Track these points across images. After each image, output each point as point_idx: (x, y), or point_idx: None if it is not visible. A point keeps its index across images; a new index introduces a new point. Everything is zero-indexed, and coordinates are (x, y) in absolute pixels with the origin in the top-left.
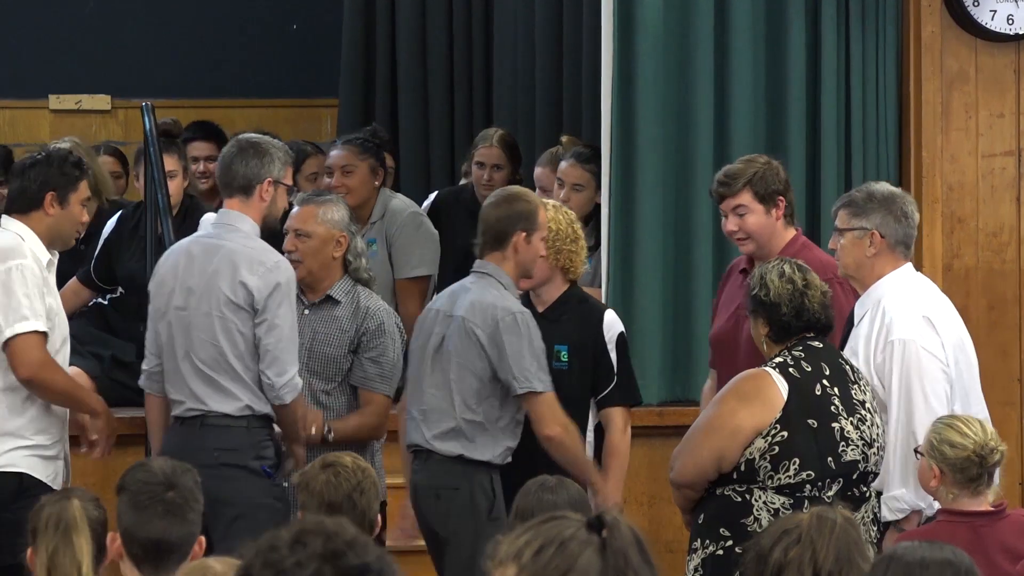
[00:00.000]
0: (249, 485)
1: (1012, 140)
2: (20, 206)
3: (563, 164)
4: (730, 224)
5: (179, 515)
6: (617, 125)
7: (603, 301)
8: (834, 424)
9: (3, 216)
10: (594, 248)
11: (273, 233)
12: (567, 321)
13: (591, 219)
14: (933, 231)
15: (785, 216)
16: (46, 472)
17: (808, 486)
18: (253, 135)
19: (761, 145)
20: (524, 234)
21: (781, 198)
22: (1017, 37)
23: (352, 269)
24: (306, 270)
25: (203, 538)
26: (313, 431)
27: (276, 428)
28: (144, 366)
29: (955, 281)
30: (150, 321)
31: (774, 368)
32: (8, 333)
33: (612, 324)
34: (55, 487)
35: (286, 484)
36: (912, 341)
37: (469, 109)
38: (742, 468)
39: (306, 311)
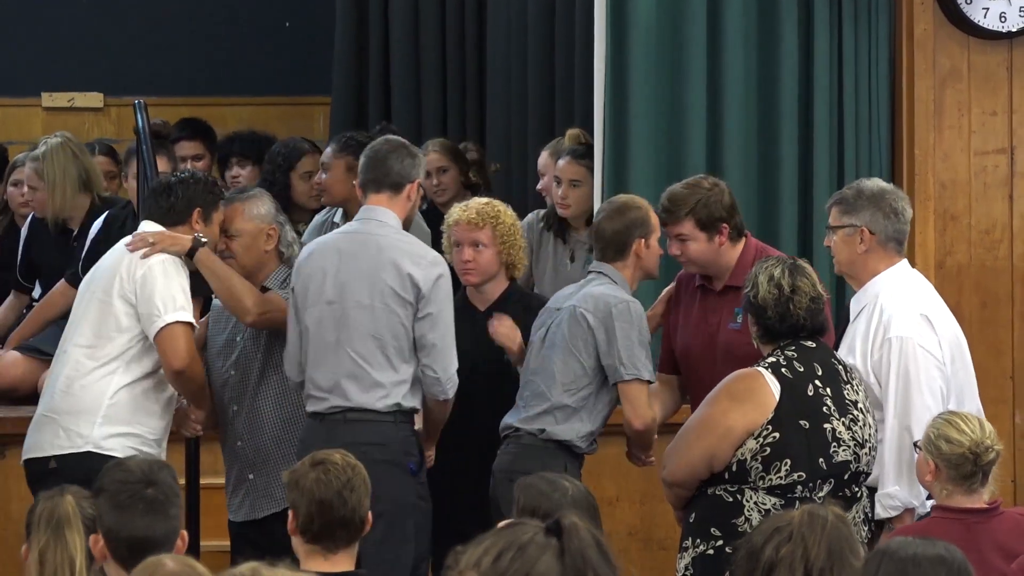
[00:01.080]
0: (396, 483)
1: (1004, 138)
2: (169, 221)
3: (560, 161)
4: (672, 249)
5: (161, 511)
6: (610, 122)
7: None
8: (826, 425)
9: (145, 222)
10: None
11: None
12: (512, 317)
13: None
14: (926, 228)
15: (731, 239)
16: None
17: (799, 487)
18: (396, 137)
19: (753, 142)
20: (642, 240)
21: (724, 224)
22: (1010, 35)
23: (286, 259)
24: (240, 267)
25: (185, 532)
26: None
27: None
28: (292, 377)
29: (948, 278)
30: (290, 324)
31: (767, 368)
32: (168, 319)
33: None
34: None
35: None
36: (910, 339)
37: (462, 107)
38: (733, 468)
39: None
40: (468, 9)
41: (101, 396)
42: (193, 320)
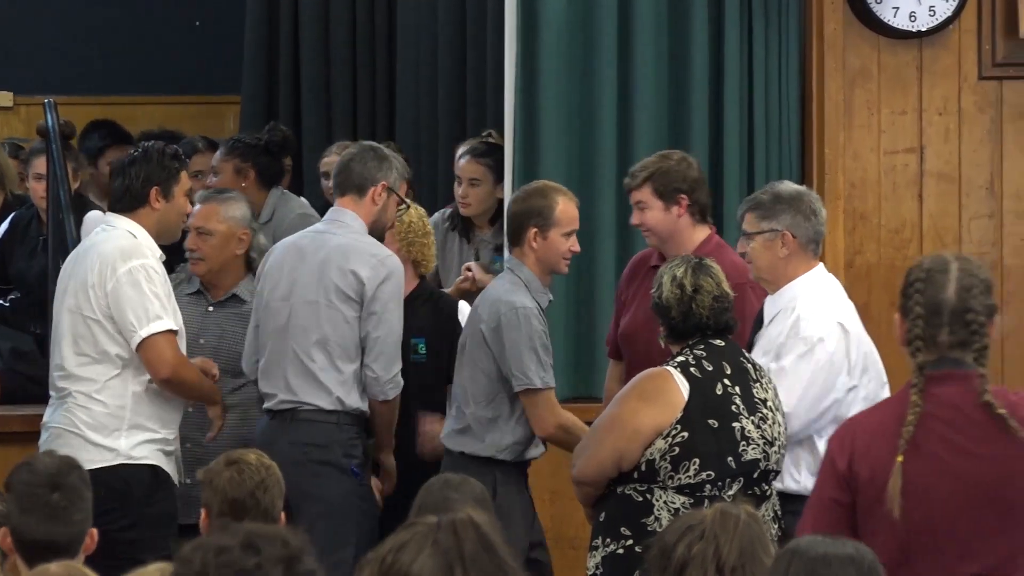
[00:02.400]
0: (336, 483)
1: (914, 137)
2: (126, 204)
3: (460, 160)
4: (634, 218)
5: (63, 518)
6: (520, 121)
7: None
8: (735, 424)
9: (109, 214)
10: (501, 248)
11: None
12: (422, 315)
13: (497, 219)
14: (835, 228)
15: (693, 215)
16: (170, 467)
17: (708, 486)
18: (370, 142)
19: (664, 141)
20: (535, 231)
21: (683, 196)
22: (919, 34)
23: (255, 266)
24: (207, 268)
25: (95, 531)
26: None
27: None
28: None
29: (857, 278)
30: (252, 318)
31: (676, 367)
32: (144, 333)
33: (466, 315)
34: (175, 479)
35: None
36: (820, 342)
37: (372, 106)
38: (643, 468)
39: (210, 308)
40: (378, 8)
41: (122, 406)
42: (172, 324)
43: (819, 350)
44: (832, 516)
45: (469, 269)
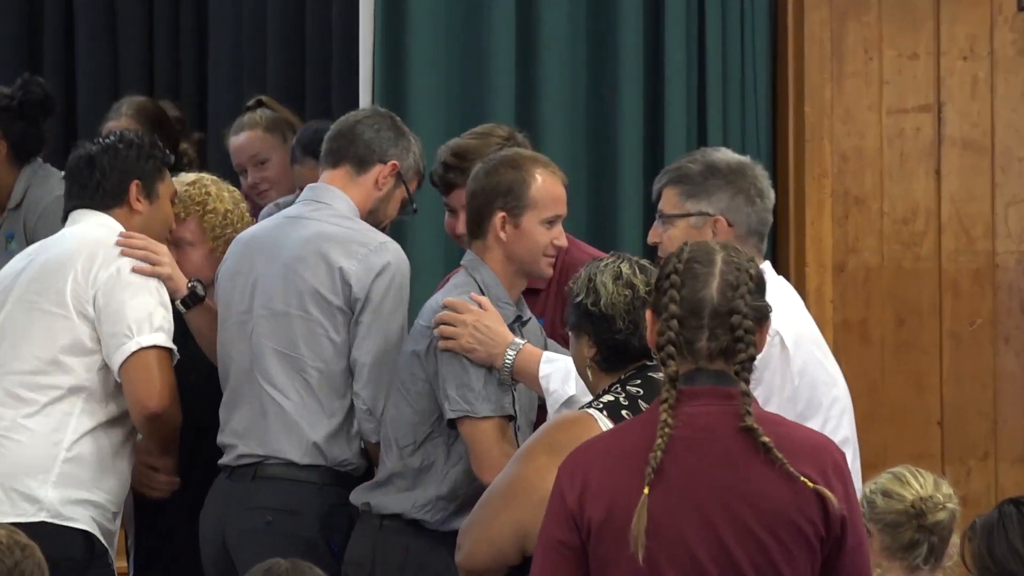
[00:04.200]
0: (308, 569)
1: (930, 90)
2: (97, 202)
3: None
4: (448, 222)
5: None
6: (381, 82)
7: None
8: None
9: (76, 212)
10: None
11: None
12: None
13: None
14: (820, 217)
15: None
16: (109, 540)
17: None
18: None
19: (580, 96)
20: (502, 215)
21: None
22: None
23: None
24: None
25: None
26: None
27: None
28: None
29: (851, 286)
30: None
31: (600, 410)
32: (143, 342)
33: None
34: (113, 559)
35: None
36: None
37: (175, 64)
38: None
39: None
40: None
41: (55, 447)
42: (173, 347)
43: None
44: (560, 560)
45: None
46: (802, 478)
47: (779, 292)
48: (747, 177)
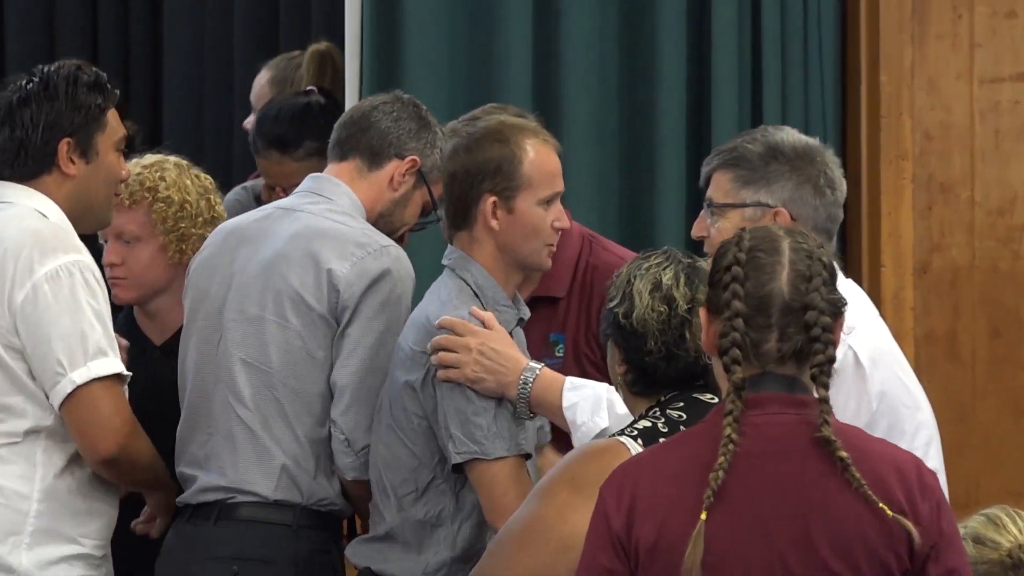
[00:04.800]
0: None
1: None
2: (20, 169)
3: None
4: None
5: None
6: (370, 32)
7: None
8: None
9: None
10: None
11: None
12: None
13: None
14: (899, 208)
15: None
16: None
17: None
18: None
19: (611, 68)
20: (492, 199)
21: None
22: None
23: None
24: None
25: None
26: None
27: None
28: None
29: (936, 291)
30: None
31: (635, 437)
32: (78, 379)
33: None
34: None
35: None
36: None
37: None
38: None
39: None
40: None
41: (23, 502)
42: (120, 366)
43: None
44: None
45: None
46: (881, 504)
47: (851, 299)
48: (816, 163)
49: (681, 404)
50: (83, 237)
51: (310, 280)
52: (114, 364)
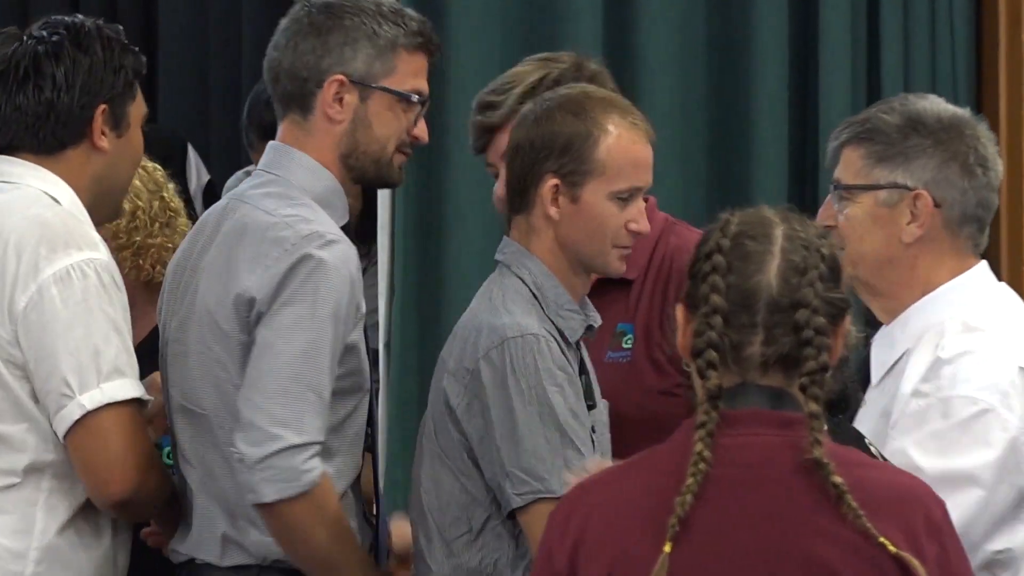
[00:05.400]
0: None
1: None
2: (46, 140)
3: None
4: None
5: None
6: None
7: None
8: None
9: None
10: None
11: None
12: None
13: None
14: None
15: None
16: None
17: None
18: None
19: (698, 24)
20: (555, 183)
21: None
22: None
23: None
24: None
25: None
26: None
27: None
28: None
29: None
30: None
31: None
32: (88, 404)
33: None
34: None
35: None
36: (992, 410)
37: None
38: None
39: None
40: None
41: (18, 561)
42: (139, 388)
43: (996, 436)
44: None
45: None
46: (881, 539)
47: (1004, 306)
48: (965, 137)
49: None
50: None
51: (221, 297)
52: (132, 387)
